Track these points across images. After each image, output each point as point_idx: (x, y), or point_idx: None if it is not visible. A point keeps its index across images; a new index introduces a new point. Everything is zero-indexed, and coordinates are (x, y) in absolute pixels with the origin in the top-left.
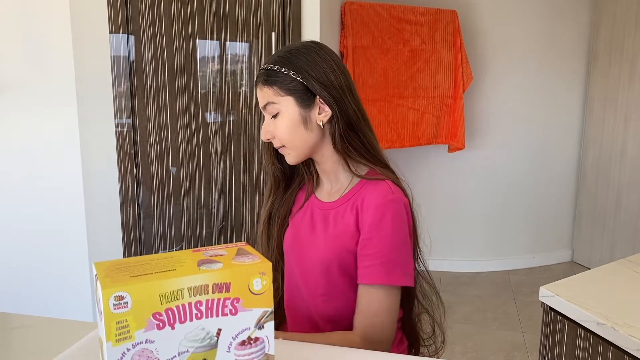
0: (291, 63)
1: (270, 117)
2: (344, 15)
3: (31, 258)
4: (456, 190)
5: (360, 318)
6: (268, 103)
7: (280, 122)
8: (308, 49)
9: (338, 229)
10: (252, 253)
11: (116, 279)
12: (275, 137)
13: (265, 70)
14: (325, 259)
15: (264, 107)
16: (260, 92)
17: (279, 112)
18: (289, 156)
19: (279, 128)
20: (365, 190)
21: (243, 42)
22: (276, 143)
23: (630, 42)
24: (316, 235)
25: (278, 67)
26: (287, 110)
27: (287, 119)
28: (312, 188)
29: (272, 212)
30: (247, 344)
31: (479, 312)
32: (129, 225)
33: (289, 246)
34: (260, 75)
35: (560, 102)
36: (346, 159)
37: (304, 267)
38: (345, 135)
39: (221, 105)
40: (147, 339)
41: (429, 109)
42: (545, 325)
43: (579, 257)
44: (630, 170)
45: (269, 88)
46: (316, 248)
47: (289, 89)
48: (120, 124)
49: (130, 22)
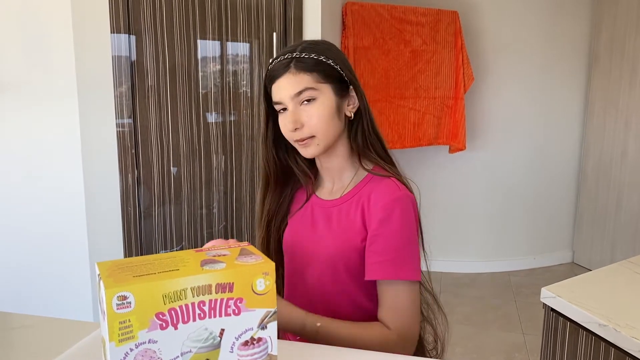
0: (328, 51)
1: (300, 105)
2: (345, 16)
3: (32, 258)
4: (457, 191)
5: (391, 315)
6: (306, 89)
7: (317, 110)
8: (329, 43)
9: (342, 226)
10: (255, 253)
11: (119, 278)
12: (305, 126)
13: (298, 57)
14: (330, 256)
15: (297, 94)
16: (295, 77)
17: (316, 99)
18: (315, 147)
19: (314, 116)
20: (371, 186)
21: (244, 43)
22: (304, 133)
23: (631, 44)
24: (319, 233)
25: (315, 55)
26: (325, 97)
27: (324, 106)
28: (312, 187)
29: (271, 214)
30: (250, 344)
31: (479, 313)
32: (129, 225)
33: (290, 246)
34: (291, 60)
35: (561, 103)
36: (361, 154)
37: (306, 266)
38: (367, 129)
39: (222, 106)
40: (150, 339)
41: (429, 109)
42: (546, 327)
43: (579, 258)
44: (630, 172)
45: (308, 74)
46: (320, 246)
47: (328, 77)
48: (121, 124)
49: (131, 22)
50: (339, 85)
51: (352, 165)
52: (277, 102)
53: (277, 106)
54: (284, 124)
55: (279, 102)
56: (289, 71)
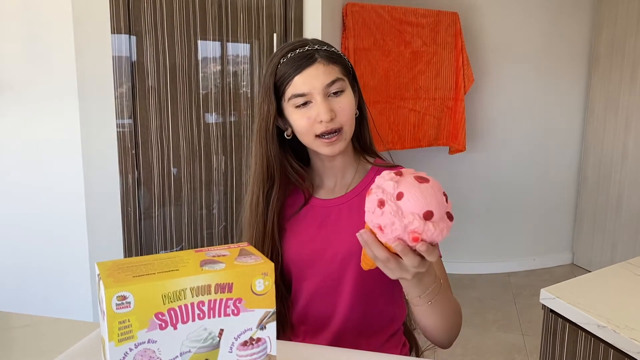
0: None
1: (328, 97)
2: (345, 17)
3: (32, 258)
4: (457, 192)
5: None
6: (337, 79)
7: (348, 102)
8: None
9: (358, 221)
10: (255, 253)
11: (119, 278)
12: (338, 117)
13: (325, 49)
14: (346, 254)
15: (330, 84)
16: (325, 68)
17: (344, 91)
18: (343, 142)
19: (346, 107)
20: None
21: (244, 43)
22: (335, 124)
23: (632, 45)
24: (328, 233)
25: (335, 50)
26: (349, 90)
27: (351, 98)
28: (310, 190)
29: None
30: (249, 344)
31: (479, 314)
32: (129, 226)
33: (297, 253)
34: (317, 52)
35: (561, 104)
36: (367, 150)
37: (322, 269)
38: (369, 126)
39: (222, 106)
40: (149, 339)
41: (430, 110)
42: (546, 328)
43: (579, 259)
44: (630, 173)
45: (337, 66)
46: (333, 245)
47: (347, 72)
48: (121, 125)
49: (132, 22)
50: (353, 82)
51: (355, 162)
52: (302, 93)
53: (300, 99)
54: (314, 115)
55: (304, 94)
56: (318, 61)
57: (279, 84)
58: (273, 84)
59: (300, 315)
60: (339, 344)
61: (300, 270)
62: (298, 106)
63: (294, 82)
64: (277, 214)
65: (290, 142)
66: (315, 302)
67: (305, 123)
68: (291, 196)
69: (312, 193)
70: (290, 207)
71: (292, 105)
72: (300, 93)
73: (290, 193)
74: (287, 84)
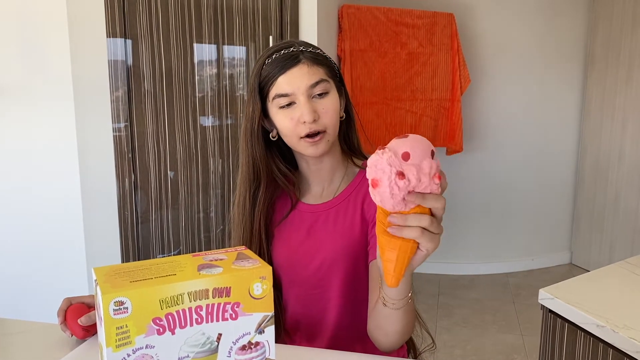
0: (322, 51)
1: (312, 98)
2: (341, 19)
3: (29, 263)
4: (454, 193)
5: None
6: (322, 80)
7: (331, 104)
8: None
9: (345, 225)
10: (252, 257)
11: (116, 284)
12: (321, 118)
13: (310, 51)
14: (334, 259)
15: (314, 85)
16: (310, 69)
17: (329, 93)
18: (326, 144)
19: (329, 109)
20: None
21: (240, 46)
22: (318, 125)
23: (627, 44)
24: (318, 238)
25: (321, 51)
26: (334, 93)
27: (335, 100)
28: (297, 194)
29: (262, 220)
30: (247, 348)
31: (478, 314)
32: (127, 230)
33: (286, 259)
34: (301, 53)
35: (557, 104)
36: (355, 153)
37: (310, 275)
38: (355, 128)
39: (219, 109)
40: (147, 344)
41: (426, 111)
42: (544, 328)
43: (577, 259)
44: (628, 172)
45: (321, 67)
46: (321, 251)
47: (333, 75)
48: (117, 128)
49: (127, 26)
50: (339, 84)
51: (342, 166)
52: (285, 94)
53: (283, 99)
54: (297, 116)
55: (287, 94)
56: (303, 62)
57: (263, 84)
58: (258, 84)
59: (293, 322)
60: (335, 349)
61: (288, 276)
62: (282, 107)
63: (278, 82)
64: (264, 215)
65: (278, 145)
66: (305, 308)
67: (288, 124)
68: (280, 201)
69: (299, 198)
70: (279, 212)
71: (276, 105)
72: (284, 93)
73: (279, 197)
74: (271, 84)
